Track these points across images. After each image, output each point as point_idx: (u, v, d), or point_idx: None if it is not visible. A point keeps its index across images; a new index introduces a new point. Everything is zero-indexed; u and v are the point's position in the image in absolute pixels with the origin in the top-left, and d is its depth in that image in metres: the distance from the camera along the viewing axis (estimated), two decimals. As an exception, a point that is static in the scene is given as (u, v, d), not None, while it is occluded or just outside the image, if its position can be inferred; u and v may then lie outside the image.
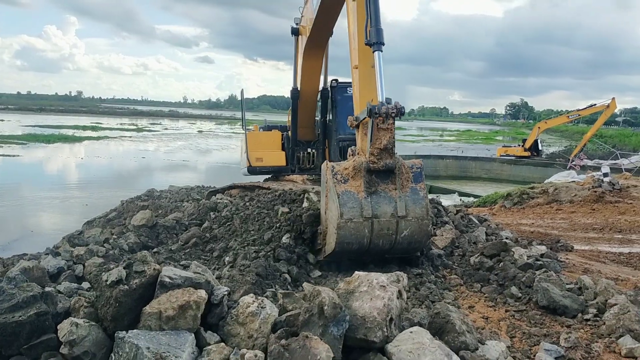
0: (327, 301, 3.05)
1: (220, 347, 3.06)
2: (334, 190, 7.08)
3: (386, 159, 7.16)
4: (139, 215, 9.67)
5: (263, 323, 3.22)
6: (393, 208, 7.16)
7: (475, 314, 6.50)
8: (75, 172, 38.80)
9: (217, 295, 3.35)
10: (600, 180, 17.24)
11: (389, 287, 3.37)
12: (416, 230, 7.28)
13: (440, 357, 3.15)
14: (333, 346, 3.01)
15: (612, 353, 5.42)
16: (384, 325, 3.19)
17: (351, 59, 8.28)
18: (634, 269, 9.59)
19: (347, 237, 6.97)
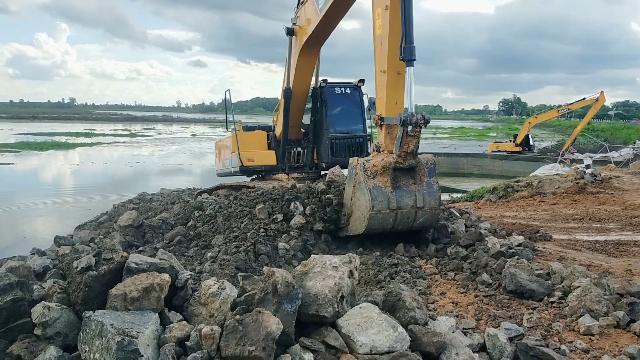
0: (280, 280, 3.31)
1: (182, 325, 3.32)
2: (364, 185, 8.35)
3: (410, 160, 8.45)
4: (125, 215, 9.90)
5: (223, 303, 3.47)
6: (413, 200, 8.55)
7: (446, 300, 6.78)
8: (69, 179, 38.96)
9: (181, 279, 3.62)
10: (583, 172, 17.55)
11: (341, 267, 3.63)
12: (429, 218, 8.82)
13: (386, 328, 3.41)
14: (286, 321, 3.27)
15: (571, 331, 5.68)
16: (334, 302, 3.46)
17: (377, 62, 9.01)
18: (608, 255, 9.87)
19: (375, 225, 8.42)
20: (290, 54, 13.72)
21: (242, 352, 3.01)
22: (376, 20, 9.06)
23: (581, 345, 5.26)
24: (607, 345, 5.38)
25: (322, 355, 3.28)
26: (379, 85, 9.11)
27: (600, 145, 49.60)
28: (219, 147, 17.33)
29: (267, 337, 3.02)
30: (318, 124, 14.83)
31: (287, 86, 13.90)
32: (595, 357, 5.07)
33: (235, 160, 14.68)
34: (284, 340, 3.28)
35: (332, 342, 3.34)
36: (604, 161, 37.00)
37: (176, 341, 3.23)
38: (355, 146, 15.14)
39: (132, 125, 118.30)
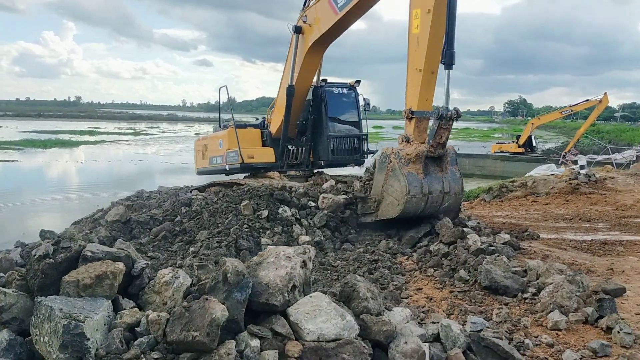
0: (230, 269, 3.40)
1: (132, 312, 3.42)
2: (399, 171, 9.06)
3: (440, 150, 9.31)
4: (113, 211, 10.02)
5: (176, 291, 3.57)
6: (441, 186, 9.35)
7: (421, 295, 6.86)
8: (71, 176, 39.22)
9: (137, 268, 3.72)
10: (577, 173, 17.56)
11: (294, 258, 3.72)
12: (453, 202, 9.72)
13: (334, 317, 3.50)
14: (236, 309, 3.36)
15: (539, 327, 5.75)
16: (285, 291, 3.55)
17: (412, 60, 9.57)
18: (593, 254, 9.90)
19: (410, 208, 9.06)
20: (295, 52, 13.73)
21: (187, 337, 3.10)
22: (413, 20, 9.56)
23: (546, 340, 5.33)
24: (572, 340, 5.45)
25: (269, 342, 3.36)
26: (411, 81, 9.66)
27: (603, 147, 49.44)
28: (202, 145, 17.21)
29: (212, 323, 3.11)
30: (317, 122, 14.92)
31: (291, 84, 13.95)
32: (559, 351, 5.14)
33: (233, 157, 14.69)
34: (234, 328, 3.37)
35: (280, 329, 3.43)
36: (606, 163, 36.88)
37: (126, 327, 3.33)
38: (353, 145, 15.29)
39: (136, 124, 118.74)
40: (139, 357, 3.14)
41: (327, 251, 8.88)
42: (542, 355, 5.02)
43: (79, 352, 3.06)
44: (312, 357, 3.36)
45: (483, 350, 4.12)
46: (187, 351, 3.15)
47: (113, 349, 3.18)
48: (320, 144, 14.96)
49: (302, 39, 13.60)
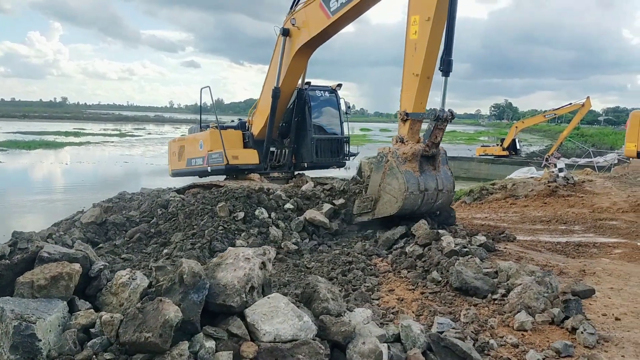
0: (186, 270, 3.41)
1: (88, 313, 3.42)
2: (397, 169, 9.35)
3: (434, 149, 9.70)
4: (88, 212, 9.96)
5: (132, 292, 3.57)
6: (435, 184, 9.66)
7: (392, 296, 6.89)
8: (56, 178, 38.89)
9: (94, 269, 3.71)
10: (556, 175, 17.75)
11: (253, 259, 3.74)
12: (446, 199, 10.11)
13: (291, 317, 3.52)
14: (192, 310, 3.37)
15: (506, 327, 5.81)
16: (242, 292, 3.56)
17: (408, 65, 9.86)
18: (567, 256, 10.01)
19: (407, 205, 9.30)
20: (282, 54, 13.75)
21: (139, 339, 3.10)
22: (411, 25, 9.79)
23: (511, 340, 5.39)
24: (537, 341, 5.51)
25: (224, 343, 3.37)
26: (406, 85, 9.96)
27: (585, 150, 50.01)
28: (178, 146, 17.15)
29: (165, 324, 3.12)
30: (300, 124, 14.98)
31: (277, 86, 13.98)
32: (523, 351, 5.20)
33: (216, 158, 14.68)
34: (189, 329, 3.38)
35: (235, 330, 3.45)
36: (588, 166, 37.30)
37: (80, 328, 3.32)
38: (335, 147, 15.42)
39: (122, 125, 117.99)
40: (91, 358, 3.13)
41: (303, 253, 8.89)
42: (506, 355, 5.08)
43: (30, 353, 3.05)
44: (268, 357, 3.38)
45: (442, 350, 4.16)
46: (140, 352, 3.15)
47: (66, 350, 3.17)
48: (303, 146, 15.04)
49: (290, 42, 13.62)
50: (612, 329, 5.78)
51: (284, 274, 7.60)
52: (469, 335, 5.23)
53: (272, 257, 4.07)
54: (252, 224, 9.18)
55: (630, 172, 21.92)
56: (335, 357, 3.76)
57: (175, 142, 17.83)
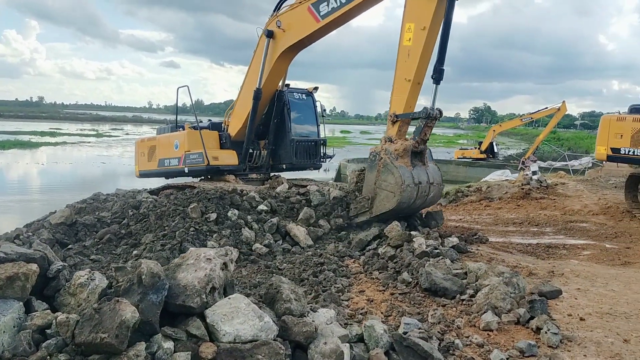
0: (145, 271, 3.38)
1: (44, 314, 3.37)
2: (392, 165, 9.63)
3: (422, 146, 10.07)
4: (58, 213, 9.82)
5: (91, 293, 3.53)
6: (427, 177, 10.02)
7: (362, 297, 6.92)
8: (32, 178, 38.28)
9: (53, 269, 3.66)
10: (529, 178, 18.00)
11: (215, 259, 3.72)
12: (437, 192, 10.53)
13: (252, 318, 3.51)
14: (150, 311, 3.34)
15: (472, 327, 5.87)
16: (202, 293, 3.54)
17: (401, 70, 10.22)
18: (537, 257, 10.16)
19: (405, 198, 9.54)
20: (265, 56, 13.70)
21: (95, 339, 3.07)
22: (405, 32, 10.14)
23: (477, 340, 5.44)
24: (502, 341, 5.58)
25: (183, 344, 3.35)
26: (398, 89, 10.35)
27: (561, 154, 50.78)
28: (148, 146, 16.91)
29: (121, 325, 3.09)
30: (278, 126, 14.99)
31: (259, 87, 13.96)
32: (487, 351, 5.25)
33: (196, 159, 14.56)
34: (148, 330, 3.35)
35: (194, 331, 3.43)
36: (563, 169, 37.88)
37: (36, 329, 3.27)
38: (313, 149, 15.47)
39: (100, 126, 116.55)
40: (46, 359, 3.09)
41: (275, 254, 8.88)
42: (470, 355, 5.13)
43: (-18, 355, 3.01)
44: (227, 358, 3.36)
45: (404, 350, 4.19)
46: (96, 353, 3.12)
47: (20, 351, 3.12)
48: (282, 148, 15.06)
49: (273, 44, 13.61)
50: (576, 329, 5.88)
51: (255, 275, 7.58)
52: (434, 335, 5.27)
53: (234, 258, 4.06)
54: (225, 225, 9.13)
55: (602, 176, 22.35)
56: (298, 357, 3.76)
57: (144, 142, 17.50)
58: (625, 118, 12.87)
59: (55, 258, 3.75)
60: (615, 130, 12.93)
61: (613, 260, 9.85)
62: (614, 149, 12.95)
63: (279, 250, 9.05)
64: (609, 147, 13.05)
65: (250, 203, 10.12)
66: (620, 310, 6.44)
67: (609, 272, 8.64)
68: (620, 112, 13.55)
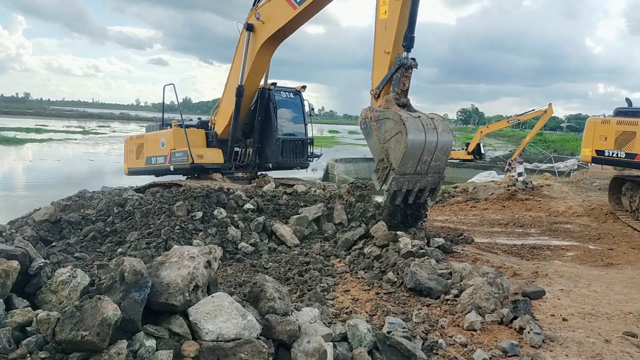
0: (127, 268, 3.36)
1: (25, 311, 3.34)
2: (384, 114, 9.18)
3: (403, 98, 9.71)
4: (42, 210, 9.73)
5: (72, 290, 3.51)
6: (425, 114, 9.46)
7: (347, 297, 6.93)
8: (16, 175, 37.91)
9: (34, 266, 3.63)
10: (515, 180, 18.14)
11: (198, 257, 3.71)
12: (445, 127, 9.62)
13: (235, 316, 3.50)
14: (132, 309, 3.32)
15: (456, 327, 5.91)
16: (185, 291, 3.53)
17: (379, 44, 10.12)
18: (521, 258, 10.24)
19: (413, 128, 8.82)
20: (246, 51, 13.73)
21: (76, 337, 3.04)
22: (381, 6, 10.10)
23: (460, 340, 5.48)
24: (486, 340, 5.62)
25: (165, 342, 3.34)
26: (378, 63, 10.15)
27: (547, 155, 51.24)
28: (136, 144, 16.92)
29: (103, 322, 3.07)
30: (264, 125, 14.97)
31: (240, 84, 13.94)
32: (471, 350, 5.28)
33: (181, 157, 14.54)
34: (130, 328, 3.33)
35: (177, 329, 3.41)
36: (549, 171, 38.20)
37: (16, 326, 3.23)
38: (300, 148, 15.47)
39: (86, 123, 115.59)
40: (25, 357, 3.05)
41: (261, 253, 8.86)
42: (454, 354, 5.16)
43: (-39, 352, 2.97)
44: (210, 356, 3.36)
45: (388, 349, 4.21)
46: (77, 351, 3.09)
47: (-1, 348, 3.10)
48: (268, 147, 15.05)
49: (254, 37, 13.66)
50: (559, 329, 5.94)
51: (240, 274, 7.57)
52: (418, 334, 5.30)
53: (218, 256, 4.05)
54: (210, 223, 9.11)
55: (587, 177, 22.59)
56: (280, 356, 3.76)
57: (132, 140, 17.52)
58: (610, 121, 13.01)
59: (37, 255, 3.72)
60: (600, 132, 13.07)
61: (596, 261, 9.96)
62: (598, 151, 13.09)
63: (264, 249, 9.03)
64: (594, 149, 13.19)
65: (237, 202, 10.10)
66: (602, 311, 6.51)
67: (592, 273, 8.74)
68: (605, 114, 13.71)
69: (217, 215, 9.33)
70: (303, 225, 9.77)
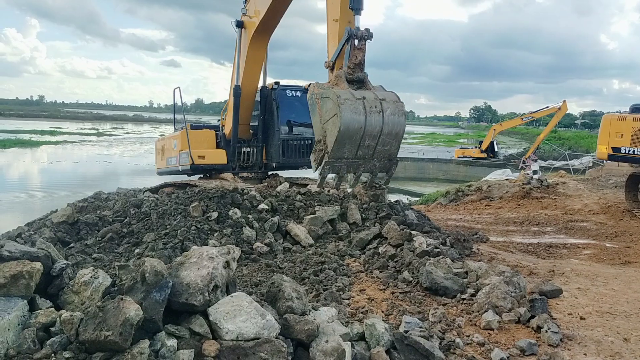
0: (148, 269, 3.41)
1: (48, 312, 3.40)
2: (326, 93, 8.40)
3: (358, 73, 8.83)
4: (60, 212, 9.85)
5: (95, 291, 3.56)
6: (373, 95, 8.58)
7: (362, 296, 6.94)
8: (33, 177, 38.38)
9: (56, 267, 3.70)
10: (530, 178, 18.03)
11: (217, 258, 3.75)
12: (396, 110, 8.65)
13: (254, 316, 3.54)
14: (154, 309, 3.37)
15: (473, 326, 5.90)
16: (205, 291, 3.57)
17: (329, 12, 9.51)
18: (538, 257, 10.20)
19: (348, 111, 8.11)
20: (239, 48, 13.81)
21: (99, 337, 3.10)
22: None
23: (477, 339, 5.47)
24: (503, 340, 5.61)
25: (186, 342, 3.38)
26: (330, 33, 9.57)
27: (562, 153, 50.81)
28: (161, 145, 17.28)
29: (125, 322, 3.12)
30: (268, 124, 14.98)
31: (237, 84, 14.00)
32: (488, 350, 5.28)
33: (185, 158, 14.70)
34: (152, 328, 3.38)
35: (197, 329, 3.46)
36: (563, 169, 37.92)
37: (40, 327, 3.30)
38: (305, 148, 15.41)
39: (100, 125, 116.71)
40: (50, 357, 3.12)
41: (276, 253, 8.89)
42: (471, 353, 5.15)
43: (-13, 352, 3.04)
44: (230, 356, 3.39)
45: (405, 348, 4.22)
46: (100, 350, 3.15)
47: (24, 349, 3.15)
48: (272, 146, 15.04)
49: (245, 33, 13.73)
50: (577, 328, 5.91)
51: (256, 274, 7.61)
52: (435, 334, 5.29)
53: (236, 257, 4.09)
54: (226, 224, 9.15)
55: (603, 175, 22.36)
56: (299, 355, 3.78)
57: (159, 141, 18.05)
58: (626, 117, 12.90)
59: (58, 256, 3.78)
60: (616, 129, 12.96)
61: (613, 259, 9.89)
62: (614, 148, 12.99)
63: (279, 249, 9.05)
64: (610, 146, 13.09)
65: (251, 202, 10.14)
66: (621, 310, 6.47)
67: (609, 271, 8.67)
68: (621, 111, 13.58)
69: (232, 216, 9.37)
70: (317, 225, 9.76)
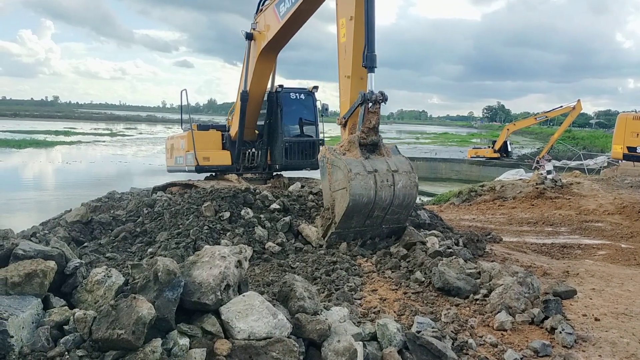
0: (161, 268, 3.43)
1: (62, 310, 3.43)
2: (338, 161, 8.50)
3: (372, 136, 8.86)
4: (74, 211, 9.94)
5: (108, 290, 3.59)
6: (387, 165, 8.61)
7: (375, 296, 6.92)
8: (45, 177, 38.76)
9: (70, 266, 3.73)
10: (544, 178, 17.88)
11: (229, 257, 3.76)
12: (408, 182, 8.69)
13: (266, 315, 3.54)
14: (166, 308, 3.39)
15: (486, 327, 5.86)
16: (217, 290, 3.58)
17: (341, 68, 9.73)
18: (551, 257, 10.11)
19: (358, 188, 8.17)
20: (248, 58, 13.95)
21: (112, 335, 3.12)
22: (340, 29, 9.72)
23: (490, 340, 5.43)
24: (516, 341, 5.57)
25: (198, 340, 3.40)
26: (342, 89, 9.70)
27: (576, 153, 50.35)
28: (170, 144, 17.50)
29: (138, 321, 3.14)
30: (272, 126, 15.12)
31: (244, 89, 14.15)
32: (501, 351, 5.24)
33: (190, 159, 14.91)
34: (164, 326, 3.40)
35: (209, 327, 3.47)
36: (578, 168, 37.57)
37: (54, 325, 3.33)
38: (308, 150, 15.47)
39: (114, 125, 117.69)
40: (64, 355, 3.14)
41: (288, 253, 8.90)
42: (484, 354, 5.12)
43: (2, 350, 3.06)
44: (242, 355, 3.40)
45: (418, 348, 4.20)
46: (113, 349, 3.17)
47: (38, 347, 3.18)
48: (275, 148, 15.20)
49: (254, 46, 13.89)
50: (591, 329, 5.85)
51: (267, 273, 7.62)
52: (448, 334, 5.27)
53: (248, 256, 4.09)
54: (238, 223, 9.18)
55: (618, 175, 22.12)
56: (311, 355, 3.78)
57: (169, 140, 18.36)
58: (642, 117, 12.75)
59: (72, 255, 3.81)
60: (631, 129, 12.84)
61: (629, 260, 9.77)
62: (630, 148, 12.86)
63: (291, 249, 9.06)
64: (625, 146, 12.96)
65: (263, 202, 10.15)
66: (636, 311, 6.39)
67: (624, 272, 8.58)
68: (636, 110, 13.43)
69: (244, 216, 9.40)
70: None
